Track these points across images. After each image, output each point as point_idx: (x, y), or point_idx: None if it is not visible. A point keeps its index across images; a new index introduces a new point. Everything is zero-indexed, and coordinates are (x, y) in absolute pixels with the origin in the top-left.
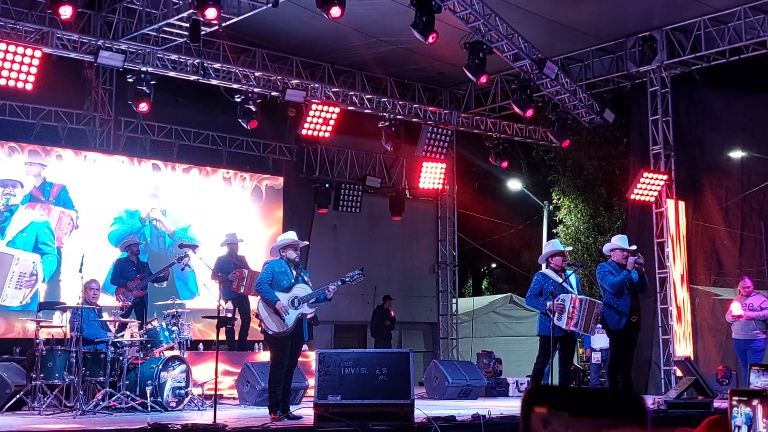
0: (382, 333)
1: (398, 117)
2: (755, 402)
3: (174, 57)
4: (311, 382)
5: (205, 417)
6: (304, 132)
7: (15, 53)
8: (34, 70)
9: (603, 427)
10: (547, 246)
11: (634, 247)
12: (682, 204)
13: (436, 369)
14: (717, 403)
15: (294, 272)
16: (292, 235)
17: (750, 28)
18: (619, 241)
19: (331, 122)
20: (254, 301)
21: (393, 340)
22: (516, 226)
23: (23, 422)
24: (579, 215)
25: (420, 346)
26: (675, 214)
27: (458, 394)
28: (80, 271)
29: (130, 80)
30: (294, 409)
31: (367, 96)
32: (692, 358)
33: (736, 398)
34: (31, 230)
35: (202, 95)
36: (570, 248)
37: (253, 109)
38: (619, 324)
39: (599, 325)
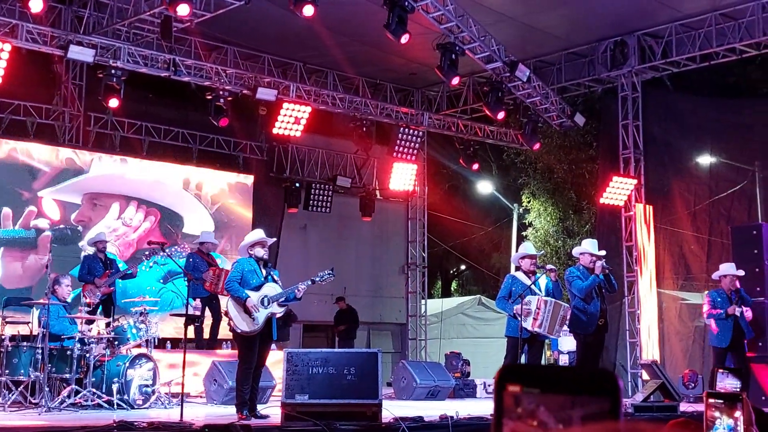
0: (350, 334)
1: (370, 117)
2: (737, 414)
3: (145, 53)
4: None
5: (171, 415)
6: (275, 131)
7: None
8: (3, 63)
9: (575, 404)
10: (520, 248)
11: (603, 253)
12: (650, 208)
13: (404, 370)
14: (683, 407)
15: (263, 271)
16: (259, 233)
17: (720, 35)
18: (588, 245)
19: (303, 121)
20: (224, 300)
21: (362, 340)
22: (486, 229)
23: None
24: (548, 218)
25: (388, 346)
26: (644, 218)
27: (426, 394)
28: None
29: (101, 75)
30: (261, 408)
31: (338, 95)
32: (659, 361)
33: (714, 404)
34: None
35: (173, 92)
36: (541, 252)
37: (224, 107)
38: (589, 329)
39: (566, 328)
